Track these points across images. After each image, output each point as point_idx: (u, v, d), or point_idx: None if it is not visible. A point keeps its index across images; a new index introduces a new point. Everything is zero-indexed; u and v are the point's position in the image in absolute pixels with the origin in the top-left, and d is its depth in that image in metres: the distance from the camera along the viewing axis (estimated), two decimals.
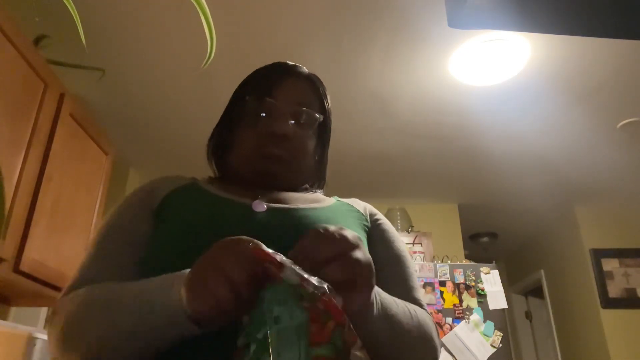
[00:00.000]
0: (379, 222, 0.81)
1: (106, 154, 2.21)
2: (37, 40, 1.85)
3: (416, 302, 0.72)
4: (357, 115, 2.77)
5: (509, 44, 2.18)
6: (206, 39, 0.90)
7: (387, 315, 0.59)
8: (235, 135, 0.81)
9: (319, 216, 0.72)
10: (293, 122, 0.77)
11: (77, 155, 1.95)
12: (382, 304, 0.58)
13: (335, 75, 2.40)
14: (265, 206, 0.71)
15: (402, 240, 0.82)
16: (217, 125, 0.86)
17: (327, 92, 0.87)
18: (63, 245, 1.81)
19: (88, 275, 0.66)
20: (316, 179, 0.88)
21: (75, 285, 0.65)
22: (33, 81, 1.64)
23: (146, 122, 2.81)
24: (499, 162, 3.28)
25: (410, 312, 0.65)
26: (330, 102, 0.87)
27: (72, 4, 0.81)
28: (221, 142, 0.84)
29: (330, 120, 0.88)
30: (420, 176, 3.55)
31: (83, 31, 0.95)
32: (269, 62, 0.87)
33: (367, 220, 0.80)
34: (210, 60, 0.96)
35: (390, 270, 0.75)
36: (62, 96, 1.81)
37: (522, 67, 2.32)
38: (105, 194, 2.19)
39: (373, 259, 0.73)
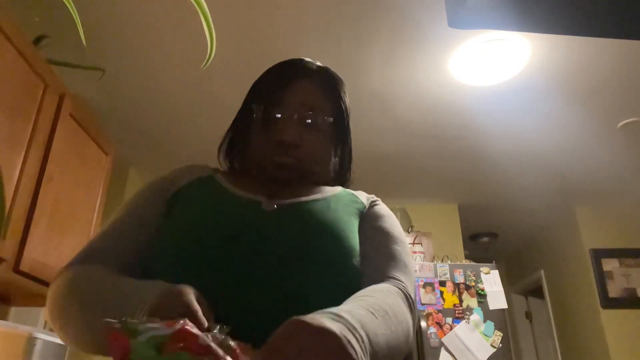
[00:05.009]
0: (374, 203, 0.82)
1: (106, 154, 2.20)
2: (37, 40, 1.84)
3: (393, 278, 0.69)
4: (357, 115, 2.76)
5: (509, 44, 2.18)
6: (206, 39, 0.91)
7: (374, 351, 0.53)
8: (246, 141, 0.81)
9: (321, 208, 0.73)
10: (305, 124, 0.77)
11: (77, 155, 1.95)
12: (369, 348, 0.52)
13: None
14: (275, 206, 0.72)
15: (396, 223, 0.80)
16: (229, 130, 0.86)
17: (342, 86, 0.84)
18: (63, 245, 1.81)
19: (94, 249, 0.69)
20: (338, 178, 0.86)
21: (80, 258, 0.68)
22: (33, 81, 1.64)
23: (146, 122, 2.81)
24: (499, 162, 3.28)
25: (392, 324, 0.58)
26: (347, 96, 0.85)
27: (72, 4, 0.82)
28: (233, 146, 0.85)
29: (348, 115, 0.85)
30: (420, 176, 3.56)
31: (83, 31, 0.95)
32: (269, 62, 0.86)
33: (365, 207, 0.80)
34: (210, 60, 0.96)
35: (373, 242, 0.73)
36: (62, 96, 1.81)
37: (522, 67, 2.32)
38: (105, 194, 2.19)
39: (360, 234, 0.74)
